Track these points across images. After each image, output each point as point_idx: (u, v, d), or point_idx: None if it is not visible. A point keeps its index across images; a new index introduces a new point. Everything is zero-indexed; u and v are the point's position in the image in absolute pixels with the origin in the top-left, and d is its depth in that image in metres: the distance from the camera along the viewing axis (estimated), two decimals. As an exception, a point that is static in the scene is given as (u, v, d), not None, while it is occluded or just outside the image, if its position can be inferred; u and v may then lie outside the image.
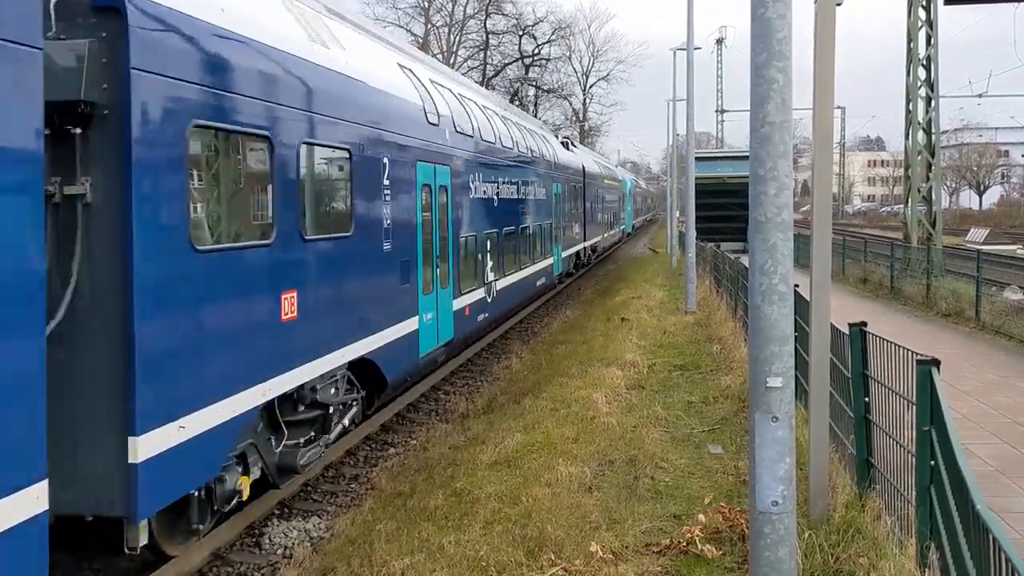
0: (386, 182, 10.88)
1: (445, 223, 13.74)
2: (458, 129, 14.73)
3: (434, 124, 13.19)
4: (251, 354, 7.57)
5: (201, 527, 7.41)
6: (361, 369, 10.34)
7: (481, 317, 16.39)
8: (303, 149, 8.49)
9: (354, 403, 10.27)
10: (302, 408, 8.73)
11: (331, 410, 9.40)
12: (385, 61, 12.04)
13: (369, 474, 10.58)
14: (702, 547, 6.35)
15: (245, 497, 7.92)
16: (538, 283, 22.89)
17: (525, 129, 23.12)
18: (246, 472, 7.88)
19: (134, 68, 5.97)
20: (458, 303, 14.54)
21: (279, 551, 8.36)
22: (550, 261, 24.50)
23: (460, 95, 16.35)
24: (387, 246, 10.92)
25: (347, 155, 9.68)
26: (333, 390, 9.46)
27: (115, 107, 5.96)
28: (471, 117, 16.13)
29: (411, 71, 13.14)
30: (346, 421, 9.97)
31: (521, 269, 20.25)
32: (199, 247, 6.78)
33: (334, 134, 9.37)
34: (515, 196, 19.54)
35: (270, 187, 7.93)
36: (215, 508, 7.48)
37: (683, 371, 13.38)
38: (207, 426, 6.89)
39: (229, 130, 7.28)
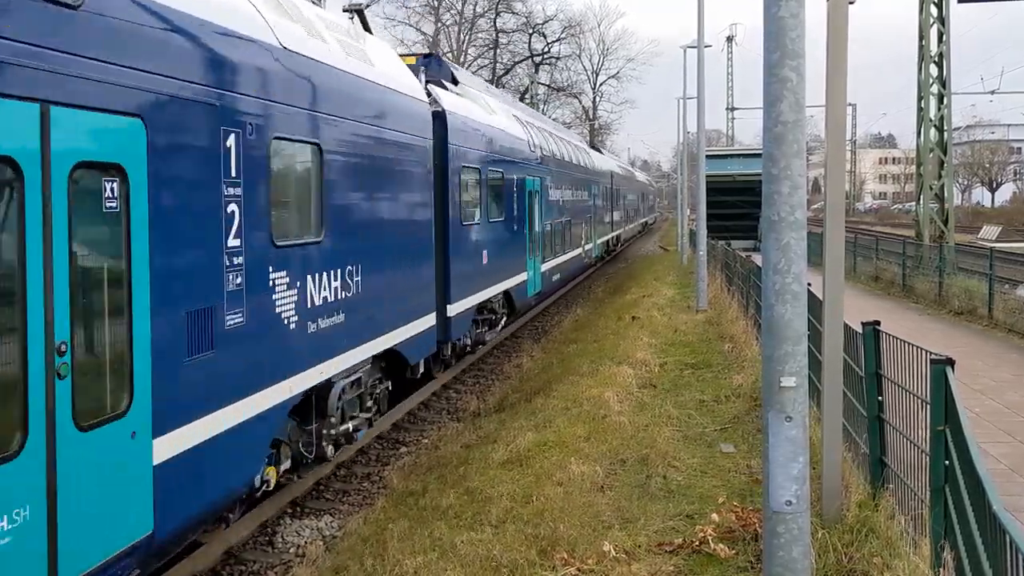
0: (512, 190, 17.88)
1: (538, 214, 20.48)
2: (544, 153, 21.74)
3: (533, 152, 20.26)
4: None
5: (452, 361, 15.26)
6: (506, 297, 17.66)
7: (554, 278, 23.36)
8: (488, 173, 15.90)
9: (504, 315, 17.74)
10: (484, 312, 16.21)
11: (496, 316, 17.08)
12: (508, 114, 19.35)
13: (381, 473, 10.61)
14: (715, 546, 6.34)
15: (468, 350, 15.80)
16: (584, 260, 30.20)
17: (575, 145, 30.61)
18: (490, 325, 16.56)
19: None
20: (544, 267, 21.31)
21: (292, 550, 8.39)
22: (591, 245, 31.64)
23: (541, 128, 23.90)
24: (515, 227, 18.15)
25: (501, 176, 16.99)
26: (498, 306, 17.20)
27: None
28: (548, 142, 23.21)
29: (518, 118, 20.50)
30: (501, 323, 17.85)
31: (575, 249, 27.24)
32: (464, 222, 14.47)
33: (501, 164, 16.95)
34: (572, 197, 26.44)
35: (481, 195, 15.46)
36: (455, 353, 14.99)
37: (695, 370, 13.36)
38: (465, 308, 14.52)
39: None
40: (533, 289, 20.07)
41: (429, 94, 12.86)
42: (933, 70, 26.04)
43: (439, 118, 12.91)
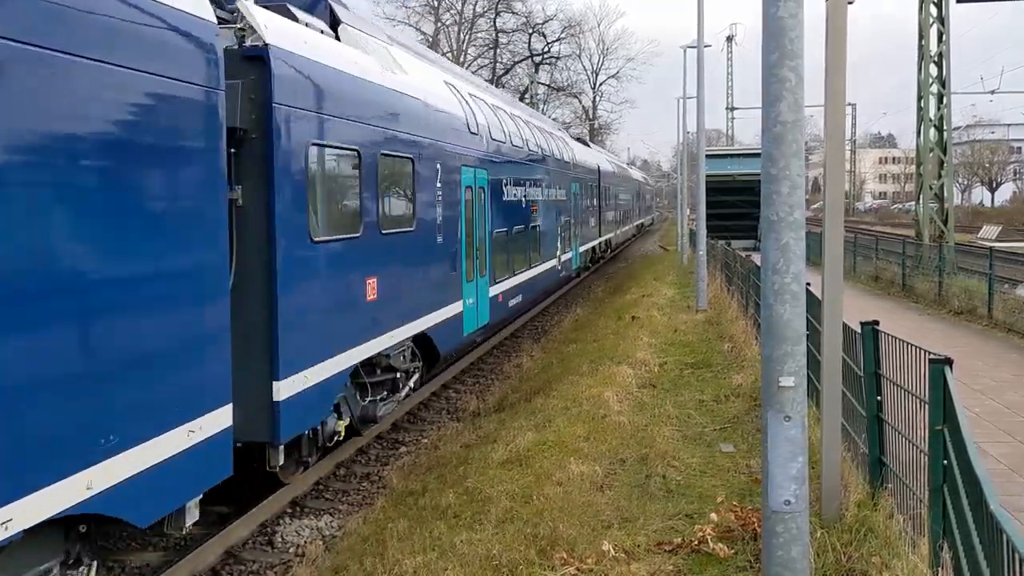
0: (438, 185, 12.63)
1: (483, 219, 15.40)
2: (493, 137, 16.39)
3: (475, 133, 14.95)
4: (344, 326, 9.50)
5: (310, 460, 9.44)
6: (421, 343, 12.29)
7: (512, 303, 17.98)
8: (379, 158, 10.38)
9: (416, 370, 12.08)
10: (379, 372, 10.77)
11: (397, 376, 11.29)
12: (435, 80, 13.78)
13: (381, 473, 10.62)
14: (714, 546, 6.35)
15: (341, 437, 9.90)
16: (560, 273, 24.83)
17: (548, 133, 24.68)
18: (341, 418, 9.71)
19: None
20: (493, 290, 16.08)
21: (291, 549, 8.40)
22: (570, 255, 26.12)
23: (494, 105, 18.06)
24: (439, 239, 12.72)
25: (412, 163, 11.54)
26: (401, 359, 11.35)
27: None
28: (503, 125, 17.68)
29: (455, 87, 14.86)
30: (412, 383, 11.91)
31: (546, 261, 21.97)
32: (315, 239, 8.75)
33: (411, 147, 11.51)
34: (540, 196, 21.03)
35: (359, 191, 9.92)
36: (320, 445, 9.43)
37: (694, 369, 13.37)
38: (321, 378, 8.87)
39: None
40: (475, 323, 14.86)
41: (235, 16, 8.03)
42: (933, 70, 26.05)
43: (254, 59, 7.86)
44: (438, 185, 12.64)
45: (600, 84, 72.34)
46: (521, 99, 50.76)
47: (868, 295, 24.26)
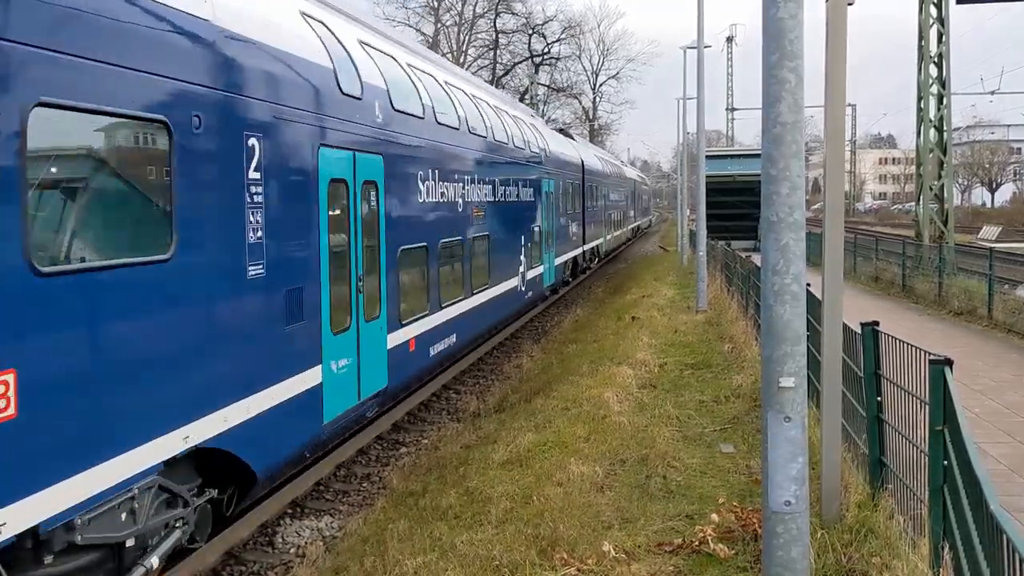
0: (254, 175, 7.43)
1: (374, 232, 10.32)
2: (396, 107, 11.13)
3: (354, 97, 9.73)
4: None
5: None
6: (210, 462, 7.03)
7: (437, 350, 12.76)
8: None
9: (179, 522, 6.64)
10: (49, 558, 5.40)
11: (127, 544, 6.03)
12: (275, 5, 8.54)
13: (381, 473, 10.63)
14: (715, 546, 6.35)
15: None
16: (525, 295, 19.52)
17: (512, 117, 19.67)
18: None
19: None
20: (396, 337, 10.97)
21: (292, 550, 8.41)
22: (540, 270, 20.97)
23: (409, 65, 12.58)
24: (254, 270, 7.43)
25: (164, 130, 6.23)
26: (124, 516, 5.93)
27: None
28: (420, 92, 12.45)
29: (323, 23, 9.58)
30: (155, 560, 6.29)
31: (500, 282, 17.03)
32: None
33: (130, 94, 5.87)
34: (490, 196, 16.04)
35: None
36: None
37: (694, 370, 13.36)
38: None
39: None
40: (355, 397, 9.65)
41: None
42: (933, 70, 26.06)
43: None
44: (252, 176, 7.39)
45: (600, 85, 72.45)
46: (521, 100, 50.76)
47: (868, 295, 24.26)
